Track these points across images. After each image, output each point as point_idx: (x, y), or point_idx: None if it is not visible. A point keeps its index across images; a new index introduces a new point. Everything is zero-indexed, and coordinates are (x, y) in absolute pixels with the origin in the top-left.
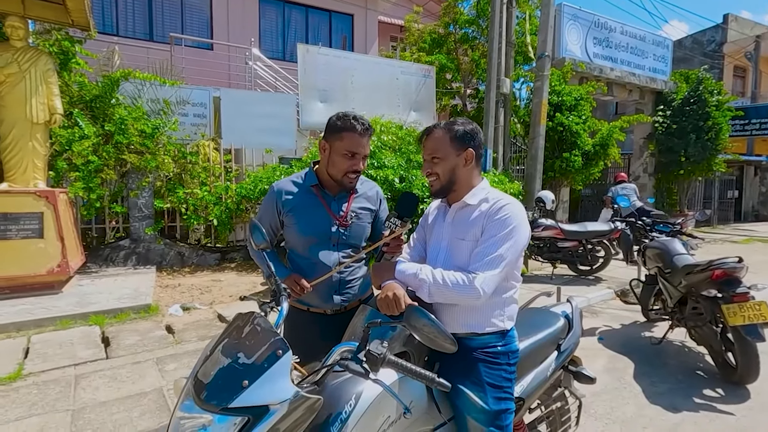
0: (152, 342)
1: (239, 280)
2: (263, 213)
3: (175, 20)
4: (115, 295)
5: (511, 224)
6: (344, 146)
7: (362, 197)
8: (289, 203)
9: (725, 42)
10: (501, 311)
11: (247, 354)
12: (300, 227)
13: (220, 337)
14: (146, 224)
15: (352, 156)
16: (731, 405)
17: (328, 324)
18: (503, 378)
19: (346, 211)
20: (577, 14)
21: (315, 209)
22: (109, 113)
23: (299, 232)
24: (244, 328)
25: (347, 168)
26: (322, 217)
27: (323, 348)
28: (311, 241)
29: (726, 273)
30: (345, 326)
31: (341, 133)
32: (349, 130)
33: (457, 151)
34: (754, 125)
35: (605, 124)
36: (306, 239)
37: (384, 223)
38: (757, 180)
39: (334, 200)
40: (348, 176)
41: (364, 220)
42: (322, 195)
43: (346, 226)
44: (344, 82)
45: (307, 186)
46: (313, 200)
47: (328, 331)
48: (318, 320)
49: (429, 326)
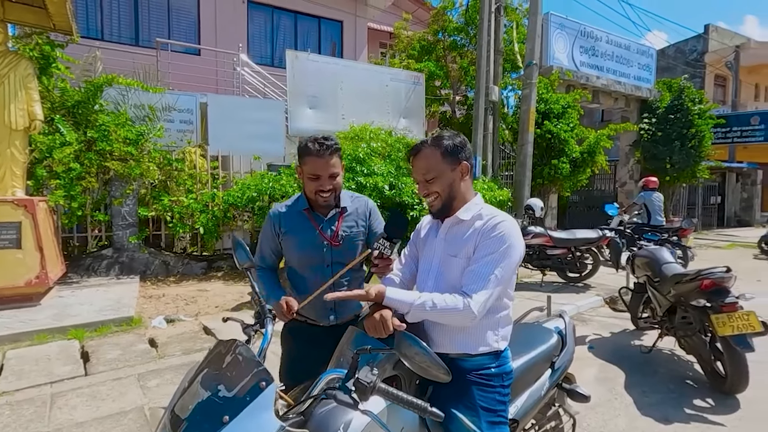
0: (134, 356)
1: (226, 290)
2: (263, 238)
3: (161, 25)
4: (96, 307)
5: (505, 242)
6: (308, 170)
7: (353, 215)
8: (285, 226)
9: (707, 51)
10: (494, 331)
11: (228, 386)
12: (296, 248)
13: (199, 367)
14: (130, 233)
15: (316, 178)
16: (722, 416)
17: (326, 335)
18: (497, 401)
19: (336, 231)
20: (564, 23)
21: (307, 231)
22: (91, 119)
23: (295, 252)
24: (225, 357)
25: (314, 189)
26: (314, 238)
27: (320, 357)
28: (305, 261)
29: (715, 283)
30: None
31: (304, 158)
32: (309, 154)
33: (451, 165)
34: (735, 133)
35: (592, 131)
36: (301, 260)
37: (373, 244)
38: (739, 186)
39: (325, 221)
40: (320, 195)
41: (355, 239)
42: (313, 217)
43: (338, 246)
44: (333, 89)
45: (299, 210)
46: (305, 223)
47: (326, 342)
48: (315, 332)
49: (421, 355)
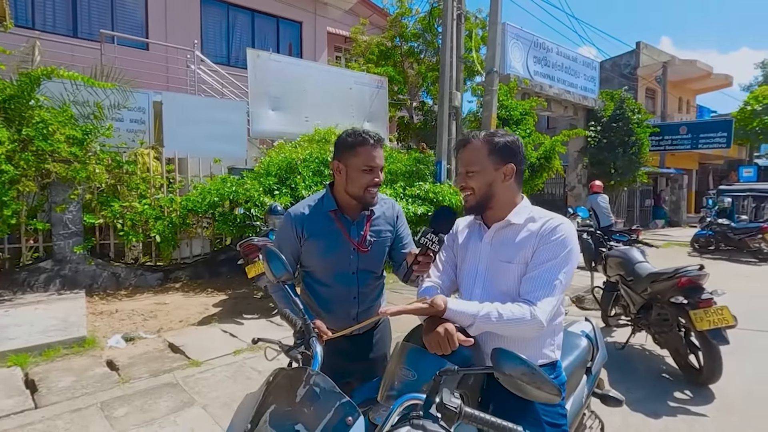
0: (92, 382)
1: (187, 302)
2: (282, 242)
3: (104, 16)
4: (38, 328)
5: (567, 246)
6: (361, 161)
7: (380, 219)
8: (309, 229)
9: (638, 66)
10: (551, 340)
11: (309, 425)
12: (320, 253)
13: (261, 403)
14: (74, 242)
15: (370, 170)
16: (702, 406)
17: (350, 344)
18: (559, 414)
19: (364, 236)
20: (519, 34)
21: (334, 235)
22: (27, 116)
23: (319, 258)
24: (296, 389)
25: (368, 183)
26: (341, 243)
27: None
28: (330, 266)
29: (691, 280)
30: (360, 347)
31: (356, 149)
32: (363, 144)
33: (496, 164)
34: (666, 141)
35: (548, 137)
36: (325, 265)
37: (419, 239)
38: (669, 189)
39: (353, 225)
40: (369, 191)
41: (383, 244)
42: (340, 220)
43: (365, 251)
44: (297, 90)
45: (325, 211)
46: (331, 226)
47: (347, 351)
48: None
49: (529, 374)
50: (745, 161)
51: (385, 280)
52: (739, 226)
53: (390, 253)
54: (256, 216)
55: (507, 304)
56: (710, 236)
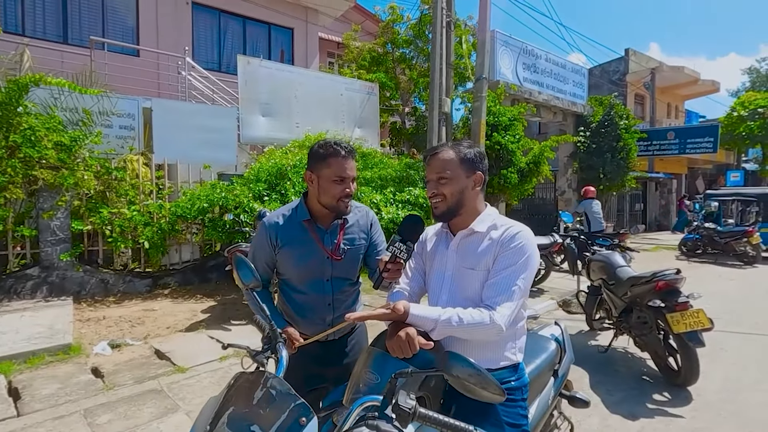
0: (76, 390)
1: (176, 308)
2: (257, 250)
3: (94, 22)
4: (23, 335)
5: (526, 252)
6: (332, 172)
7: (354, 227)
8: (283, 238)
9: (627, 72)
10: (513, 343)
11: (264, 425)
12: (294, 261)
13: (221, 405)
14: (61, 249)
15: (342, 180)
16: (679, 408)
17: (322, 349)
18: (520, 415)
19: (338, 244)
20: (508, 41)
21: (307, 244)
22: (14, 122)
23: (293, 266)
24: (254, 392)
25: (339, 193)
26: (315, 251)
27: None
28: (304, 274)
29: (668, 284)
30: (335, 352)
31: (327, 160)
32: (335, 155)
33: (467, 173)
34: (655, 146)
35: (537, 143)
36: (300, 273)
37: (387, 247)
38: (657, 194)
39: (326, 233)
40: (342, 201)
41: (357, 252)
42: (314, 229)
43: (339, 259)
44: (288, 96)
45: (299, 221)
46: (305, 235)
47: (322, 357)
48: (309, 346)
49: (475, 376)
50: (733, 165)
51: (361, 286)
52: (725, 230)
53: (365, 259)
54: (246, 222)
55: (468, 309)
56: (697, 240)
